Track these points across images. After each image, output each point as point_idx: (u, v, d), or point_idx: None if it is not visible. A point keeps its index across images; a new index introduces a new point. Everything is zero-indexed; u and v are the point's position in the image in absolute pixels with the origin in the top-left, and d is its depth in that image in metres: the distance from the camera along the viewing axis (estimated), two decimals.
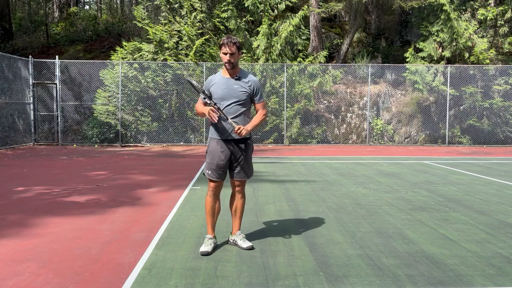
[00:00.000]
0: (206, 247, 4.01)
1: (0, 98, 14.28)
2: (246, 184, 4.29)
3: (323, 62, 17.64)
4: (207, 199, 4.13)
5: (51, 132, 16.57)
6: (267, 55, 16.92)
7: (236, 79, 4.06)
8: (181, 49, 16.86)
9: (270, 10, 17.54)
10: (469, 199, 6.59)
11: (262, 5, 17.21)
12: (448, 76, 17.09)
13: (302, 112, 16.89)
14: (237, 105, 4.01)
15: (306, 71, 17.11)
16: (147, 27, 16.68)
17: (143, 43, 17.04)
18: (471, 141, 17.26)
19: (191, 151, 14.40)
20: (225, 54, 3.96)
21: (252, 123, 4.06)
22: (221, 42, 3.99)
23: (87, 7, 34.60)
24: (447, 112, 17.16)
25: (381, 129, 17.23)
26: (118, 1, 33.22)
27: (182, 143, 16.44)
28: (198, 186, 7.55)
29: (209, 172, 4.06)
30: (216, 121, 3.94)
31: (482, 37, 18.34)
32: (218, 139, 4.05)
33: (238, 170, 4.12)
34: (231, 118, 3.97)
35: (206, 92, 4.07)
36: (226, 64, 3.99)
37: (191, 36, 16.77)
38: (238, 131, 3.90)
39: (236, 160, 4.09)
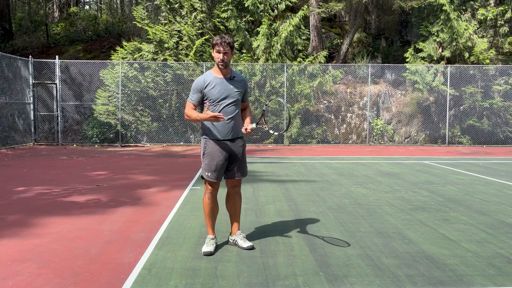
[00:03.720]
0: (209, 247, 4.01)
1: (0, 98, 14.28)
2: (246, 184, 4.29)
3: (323, 62, 17.63)
4: (205, 201, 4.11)
5: (51, 132, 16.57)
6: (267, 55, 16.92)
7: (230, 79, 4.04)
8: (181, 49, 16.86)
9: (270, 10, 17.54)
10: (469, 199, 6.59)
11: (262, 5, 17.21)
12: (448, 76, 17.09)
13: (302, 112, 16.89)
14: (234, 105, 4.01)
15: (306, 71, 17.11)
16: (147, 27, 16.68)
17: (143, 43, 17.04)
18: (471, 141, 17.26)
19: (191, 151, 14.41)
20: (219, 52, 3.92)
21: (249, 119, 4.18)
22: (214, 42, 3.96)
23: (87, 7, 34.60)
24: (447, 112, 17.16)
25: (381, 129, 17.23)
26: (118, 1, 33.21)
27: (182, 143, 16.44)
28: (198, 186, 7.55)
29: (209, 174, 4.02)
30: (224, 120, 3.87)
31: (482, 37, 18.34)
32: (216, 140, 4.03)
33: (237, 169, 4.12)
34: (229, 118, 3.98)
35: (200, 94, 4.01)
36: (220, 64, 3.96)
37: (191, 36, 16.77)
38: (250, 130, 3.98)
39: (234, 159, 4.09)
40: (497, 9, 18.14)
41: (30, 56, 16.62)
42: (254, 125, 4.00)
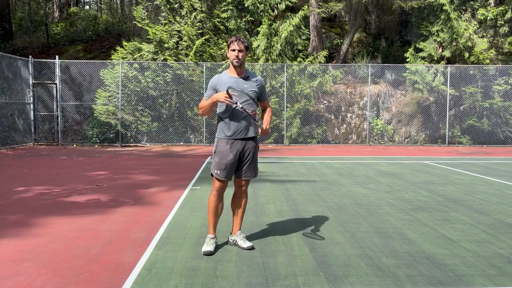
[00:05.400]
0: (209, 246, 4.01)
1: (0, 98, 14.28)
2: None
3: (323, 62, 17.63)
4: (211, 199, 4.12)
5: (51, 132, 16.57)
6: (267, 55, 16.92)
7: (244, 79, 4.06)
8: (181, 49, 16.86)
9: (270, 10, 17.54)
10: (469, 199, 6.59)
11: (262, 5, 17.21)
12: (448, 76, 17.09)
13: (302, 112, 16.89)
14: (247, 104, 4.00)
15: (306, 71, 17.11)
16: (147, 27, 16.68)
17: (143, 43, 17.04)
18: (471, 141, 17.26)
19: (191, 151, 14.41)
20: (234, 51, 3.96)
21: (267, 120, 4.15)
22: (229, 42, 4.01)
23: (87, 7, 34.60)
24: (447, 112, 17.16)
25: (381, 129, 17.23)
26: (118, 1, 33.21)
27: (182, 143, 16.44)
28: (198, 186, 7.55)
29: (218, 171, 4.04)
30: (231, 104, 3.89)
31: (482, 37, 18.34)
32: (228, 139, 4.04)
33: (246, 169, 4.12)
34: (242, 118, 4.00)
35: (214, 91, 4.07)
36: (234, 61, 3.98)
37: (191, 36, 16.77)
38: (265, 131, 4.00)
39: (245, 159, 4.09)
40: (497, 9, 18.14)
41: (30, 56, 16.62)
42: (262, 126, 4.03)
